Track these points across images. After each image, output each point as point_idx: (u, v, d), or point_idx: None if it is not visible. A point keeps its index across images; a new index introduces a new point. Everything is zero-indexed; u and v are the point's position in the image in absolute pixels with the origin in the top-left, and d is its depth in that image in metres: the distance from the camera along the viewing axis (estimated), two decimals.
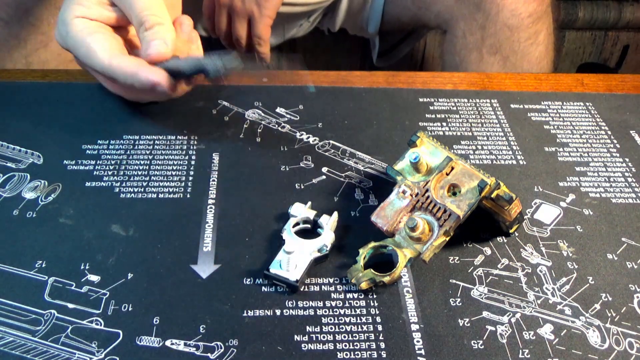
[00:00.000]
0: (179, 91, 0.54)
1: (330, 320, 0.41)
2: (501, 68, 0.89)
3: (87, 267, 0.43)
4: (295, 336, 0.40)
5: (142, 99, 0.57)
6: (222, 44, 0.94)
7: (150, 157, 0.53)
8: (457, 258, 0.46)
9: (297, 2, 0.96)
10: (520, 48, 0.88)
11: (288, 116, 0.60)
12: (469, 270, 0.45)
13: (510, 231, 0.48)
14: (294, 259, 0.43)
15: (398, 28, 1.06)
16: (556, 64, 0.94)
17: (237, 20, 0.86)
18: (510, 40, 0.87)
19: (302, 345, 0.40)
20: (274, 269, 0.43)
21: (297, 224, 0.47)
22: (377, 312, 0.42)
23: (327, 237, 0.45)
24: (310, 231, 0.47)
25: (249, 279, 0.43)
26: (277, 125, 0.58)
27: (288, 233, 0.46)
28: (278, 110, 0.60)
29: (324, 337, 0.40)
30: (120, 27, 0.54)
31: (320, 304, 0.42)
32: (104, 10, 0.52)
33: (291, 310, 0.42)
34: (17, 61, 0.76)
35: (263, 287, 0.43)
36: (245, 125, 0.58)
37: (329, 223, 0.46)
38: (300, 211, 0.47)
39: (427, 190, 0.45)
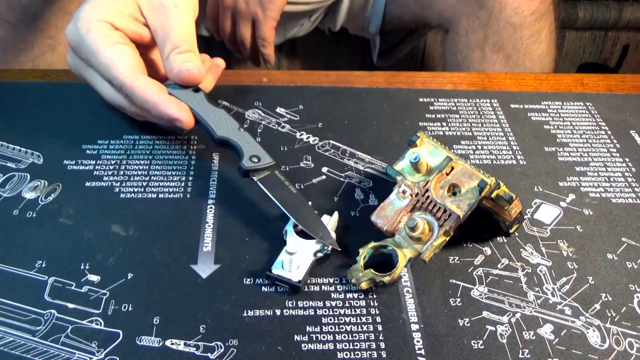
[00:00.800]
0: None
1: (330, 320, 0.41)
2: (503, 66, 0.89)
3: (87, 267, 0.43)
4: (295, 336, 0.40)
5: (145, 119, 0.55)
6: (226, 45, 0.94)
7: (150, 157, 0.53)
8: (457, 258, 0.46)
9: (299, 1, 0.96)
10: (522, 46, 0.88)
11: (288, 116, 0.60)
12: (469, 270, 0.45)
13: (510, 231, 0.48)
14: (296, 259, 0.43)
15: (399, 27, 1.06)
16: (557, 63, 0.95)
17: (241, 22, 0.86)
18: (513, 38, 0.87)
19: (302, 345, 0.40)
20: (276, 270, 0.43)
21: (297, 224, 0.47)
22: (377, 312, 0.42)
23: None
24: None
25: (249, 279, 0.43)
26: (277, 125, 0.58)
27: (289, 234, 0.45)
28: (278, 110, 0.60)
29: (324, 337, 0.40)
30: (142, 47, 0.53)
31: (320, 304, 0.42)
32: (133, 24, 0.51)
33: (291, 310, 0.42)
34: (24, 64, 0.77)
35: (263, 287, 0.43)
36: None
37: (329, 223, 0.46)
38: None
39: (427, 190, 0.45)
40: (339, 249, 0.44)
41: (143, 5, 0.51)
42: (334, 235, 0.46)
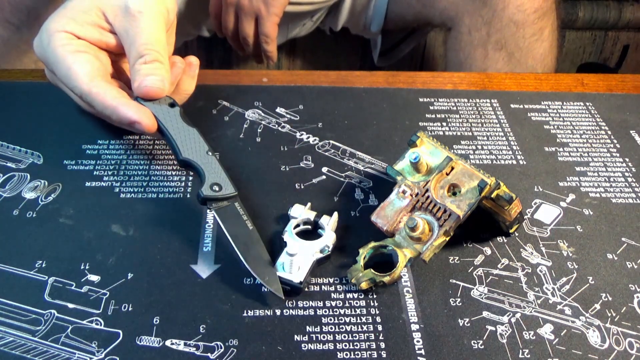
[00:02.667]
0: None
1: (330, 320, 0.41)
2: (506, 64, 0.89)
3: (87, 267, 0.43)
4: (295, 336, 0.40)
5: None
6: (229, 42, 0.94)
7: (150, 157, 0.53)
8: (457, 258, 0.46)
9: (302, 2, 0.96)
10: (525, 44, 0.88)
11: (288, 116, 0.60)
12: (469, 270, 0.45)
13: (510, 231, 0.48)
14: (296, 260, 0.43)
15: (401, 26, 1.06)
16: (559, 62, 0.95)
17: (244, 18, 0.86)
18: (515, 36, 0.87)
19: (302, 345, 0.40)
20: (277, 272, 0.43)
21: (297, 225, 0.47)
22: (377, 312, 0.42)
23: (328, 237, 0.45)
24: (311, 232, 0.47)
25: (249, 279, 0.43)
26: (277, 125, 0.58)
27: (289, 235, 0.45)
28: (278, 110, 0.60)
29: (324, 337, 0.40)
30: (113, 54, 0.52)
31: (320, 304, 0.42)
32: (97, 32, 0.50)
33: (291, 310, 0.42)
34: (27, 65, 0.77)
35: (263, 287, 0.43)
36: (245, 125, 0.58)
37: (329, 223, 0.46)
38: (300, 212, 0.47)
39: (427, 190, 0.45)
40: (283, 297, 0.41)
41: (108, 12, 0.50)
42: (333, 236, 0.46)
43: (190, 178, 0.52)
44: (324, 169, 0.54)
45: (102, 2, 0.50)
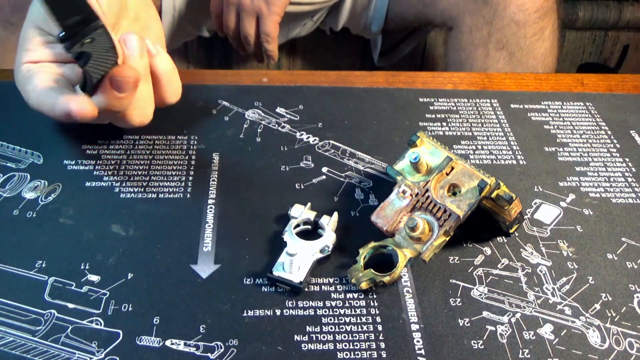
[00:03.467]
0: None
1: (330, 320, 0.41)
2: (507, 64, 0.89)
3: (87, 267, 0.43)
4: (295, 336, 0.40)
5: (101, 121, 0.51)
6: (230, 42, 0.94)
7: (150, 157, 0.53)
8: (457, 258, 0.46)
9: (303, 1, 0.96)
10: (526, 44, 0.88)
11: (288, 116, 0.60)
12: (469, 270, 0.45)
13: (510, 231, 0.48)
14: (296, 260, 0.43)
15: (402, 26, 1.06)
16: (559, 62, 0.95)
17: (246, 17, 0.86)
18: (516, 36, 0.87)
19: (302, 345, 0.40)
20: (277, 272, 0.43)
21: (297, 225, 0.47)
22: (377, 312, 0.42)
23: (328, 237, 0.45)
24: (311, 232, 0.47)
25: (249, 279, 0.43)
26: (277, 125, 0.58)
27: (289, 235, 0.45)
28: (278, 110, 0.60)
29: (324, 337, 0.40)
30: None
31: (320, 304, 0.42)
32: (48, 49, 0.49)
33: (291, 310, 0.42)
34: None
35: (263, 287, 0.43)
36: (245, 125, 0.58)
37: (329, 223, 0.46)
38: (301, 212, 0.47)
39: (427, 190, 0.45)
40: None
41: (42, 25, 0.48)
42: (333, 236, 0.46)
43: (191, 178, 0.52)
44: (324, 169, 0.54)
45: (32, 20, 0.49)
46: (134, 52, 0.46)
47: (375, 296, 0.43)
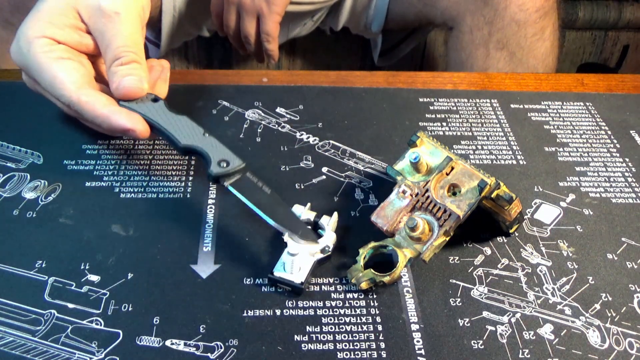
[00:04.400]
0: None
1: (330, 320, 0.41)
2: (507, 64, 0.89)
3: (87, 267, 0.43)
4: (295, 336, 0.40)
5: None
6: (230, 42, 0.94)
7: (150, 157, 0.53)
8: (457, 258, 0.46)
9: (303, 1, 0.96)
10: (527, 44, 0.88)
11: (288, 116, 0.60)
12: (469, 270, 0.45)
13: (510, 231, 0.48)
14: (297, 261, 0.43)
15: (402, 26, 1.06)
16: (559, 61, 0.95)
17: (246, 17, 0.86)
18: (517, 35, 0.87)
19: (302, 345, 0.40)
20: (278, 272, 0.43)
21: None
22: (377, 312, 0.42)
23: (329, 237, 0.45)
24: None
25: (249, 279, 0.43)
26: (277, 125, 0.58)
27: (290, 235, 0.45)
28: (278, 110, 0.60)
29: (324, 337, 0.40)
30: (91, 56, 0.50)
31: (320, 304, 0.42)
32: (76, 34, 0.48)
33: (291, 310, 0.42)
34: None
35: (263, 287, 0.43)
36: (245, 125, 0.58)
37: (329, 224, 0.46)
38: (301, 213, 0.47)
39: (427, 190, 0.45)
40: (317, 243, 0.43)
41: (83, 12, 0.48)
42: (334, 236, 0.45)
43: (191, 178, 0.52)
44: (324, 169, 0.54)
45: (77, 2, 0.48)
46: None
47: (375, 296, 0.43)
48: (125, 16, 0.48)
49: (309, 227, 0.47)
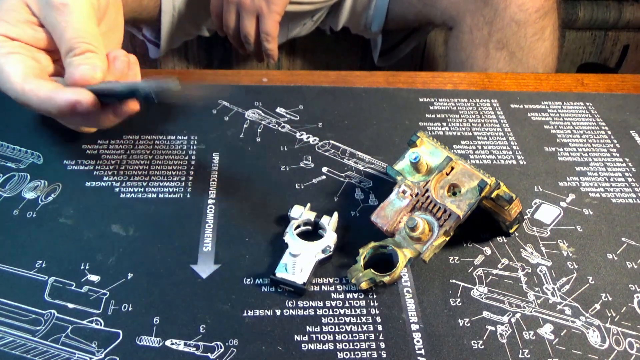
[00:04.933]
0: (107, 121, 0.48)
1: (330, 320, 0.41)
2: (507, 64, 0.89)
3: (87, 267, 0.43)
4: (295, 336, 0.40)
5: (73, 126, 0.52)
6: (230, 41, 0.94)
7: (150, 157, 0.53)
8: (457, 258, 0.46)
9: (303, 1, 0.96)
10: (527, 44, 0.88)
11: (288, 116, 0.60)
12: (469, 270, 0.45)
13: (510, 231, 0.48)
14: (299, 261, 0.43)
15: (402, 26, 1.06)
16: (559, 61, 0.95)
17: (246, 16, 0.86)
18: (517, 35, 0.87)
19: (302, 345, 0.40)
20: (280, 273, 0.43)
21: (298, 226, 0.47)
22: (377, 312, 0.42)
23: (330, 238, 0.45)
24: (311, 233, 0.47)
25: (249, 279, 0.43)
26: (277, 125, 0.58)
27: (291, 236, 0.45)
28: (278, 110, 0.60)
29: (324, 337, 0.40)
30: (49, 51, 0.49)
31: (320, 304, 0.42)
32: (30, 29, 0.47)
33: (291, 310, 0.42)
34: None
35: (263, 287, 0.43)
36: (245, 125, 0.58)
37: (330, 224, 0.46)
38: (301, 213, 0.47)
39: (427, 190, 0.45)
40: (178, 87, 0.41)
41: (33, 6, 0.47)
42: (335, 236, 0.46)
43: (191, 178, 0.52)
44: (324, 169, 0.54)
45: None
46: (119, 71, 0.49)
47: (375, 296, 0.43)
48: (73, 7, 0.46)
49: (310, 226, 0.47)
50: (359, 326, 0.41)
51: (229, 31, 0.90)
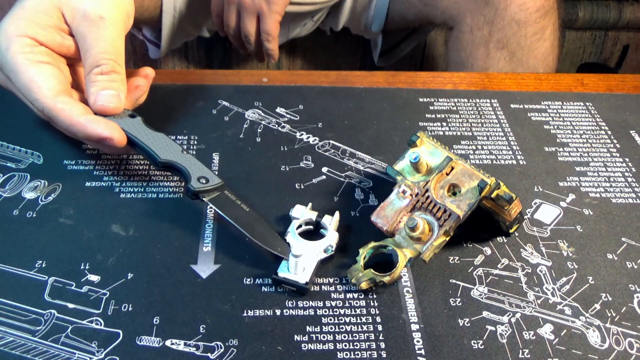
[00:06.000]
0: (123, 151, 0.49)
1: (330, 320, 0.41)
2: (507, 64, 0.89)
3: (87, 267, 0.43)
4: (295, 336, 0.40)
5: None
6: (230, 41, 0.94)
7: None
8: (457, 258, 0.46)
9: (303, 1, 0.96)
10: (527, 43, 0.88)
11: (288, 116, 0.60)
12: (469, 270, 0.45)
13: (510, 231, 0.48)
14: (301, 261, 0.43)
15: (402, 26, 1.06)
16: (559, 61, 0.95)
17: (246, 16, 0.86)
18: (517, 35, 0.87)
19: (302, 345, 0.40)
20: (282, 273, 0.43)
21: (299, 226, 0.47)
22: (377, 312, 0.42)
23: (331, 237, 0.45)
24: (313, 232, 0.47)
25: (249, 279, 0.43)
26: (277, 125, 0.58)
27: (292, 236, 0.45)
28: (278, 110, 0.60)
29: (324, 337, 0.40)
30: (70, 60, 0.49)
31: (320, 304, 0.42)
32: (58, 36, 0.47)
33: (291, 310, 0.42)
34: None
35: (263, 287, 0.43)
36: (245, 125, 0.58)
37: (331, 223, 0.46)
38: (302, 213, 0.47)
39: (427, 190, 0.45)
40: (287, 258, 0.43)
41: (67, 13, 0.47)
42: (336, 235, 0.46)
43: None
44: (324, 169, 0.54)
45: (61, 2, 0.47)
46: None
47: (375, 296, 0.43)
48: (109, 21, 0.47)
49: (311, 226, 0.47)
50: (359, 326, 0.41)
51: (230, 31, 0.90)
